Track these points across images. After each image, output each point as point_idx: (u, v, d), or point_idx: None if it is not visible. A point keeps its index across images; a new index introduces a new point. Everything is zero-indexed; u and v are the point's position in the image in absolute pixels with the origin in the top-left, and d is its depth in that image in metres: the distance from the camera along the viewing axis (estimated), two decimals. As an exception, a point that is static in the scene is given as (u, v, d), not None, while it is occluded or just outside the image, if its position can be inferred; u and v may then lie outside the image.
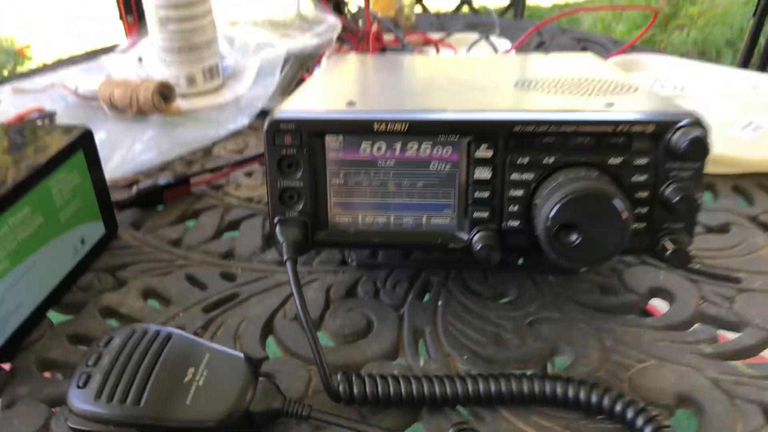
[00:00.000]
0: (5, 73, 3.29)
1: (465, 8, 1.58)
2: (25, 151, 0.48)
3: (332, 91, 0.49)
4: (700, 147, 0.37)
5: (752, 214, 0.58)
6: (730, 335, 0.42)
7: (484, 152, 0.39)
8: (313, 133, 0.39)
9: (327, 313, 0.45)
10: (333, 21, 0.85)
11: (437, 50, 0.85)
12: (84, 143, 0.50)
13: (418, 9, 1.45)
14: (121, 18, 0.98)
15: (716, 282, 0.47)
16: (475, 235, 0.40)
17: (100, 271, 0.51)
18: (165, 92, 0.79)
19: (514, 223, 0.40)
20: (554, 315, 0.44)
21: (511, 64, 0.59)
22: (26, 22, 4.05)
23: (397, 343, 0.42)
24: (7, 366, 0.43)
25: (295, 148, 0.39)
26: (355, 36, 0.85)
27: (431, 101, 0.44)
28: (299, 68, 0.83)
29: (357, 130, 0.39)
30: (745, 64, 1.77)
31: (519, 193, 0.39)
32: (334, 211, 0.41)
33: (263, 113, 0.78)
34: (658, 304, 0.48)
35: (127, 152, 0.69)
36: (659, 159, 0.39)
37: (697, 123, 0.38)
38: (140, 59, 0.92)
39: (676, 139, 0.38)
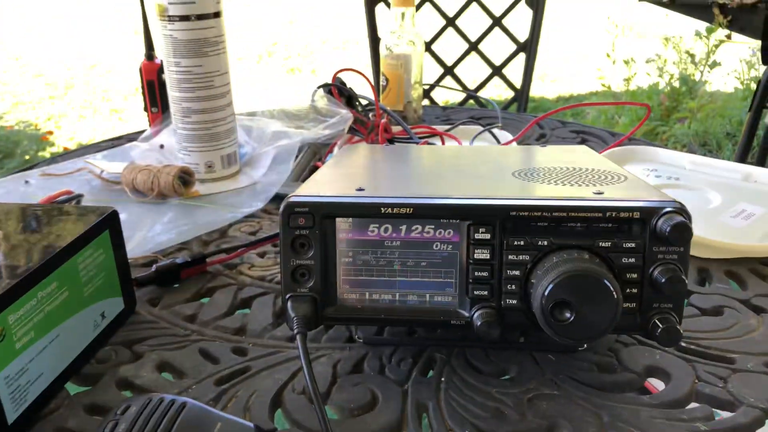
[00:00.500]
0: (27, 157, 3.41)
1: (471, 102, 1.65)
2: (55, 229, 0.51)
3: (343, 178, 0.52)
4: (683, 231, 0.40)
5: (745, 297, 0.59)
6: (725, 414, 0.42)
7: (482, 234, 0.42)
8: (324, 215, 0.41)
9: (334, 387, 0.45)
10: (345, 113, 0.90)
11: (442, 142, 0.89)
12: (110, 223, 0.54)
13: (425, 102, 1.52)
14: (145, 109, 1.01)
15: (710, 362, 0.48)
16: (475, 312, 0.42)
17: (117, 344, 0.51)
18: (185, 177, 0.82)
19: (512, 301, 0.42)
20: (554, 392, 0.44)
21: (510, 154, 0.63)
22: (51, 107, 4.23)
23: (401, 417, 0.42)
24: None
25: (307, 229, 0.42)
26: (366, 127, 0.89)
27: (435, 188, 0.48)
28: (312, 156, 0.87)
29: (365, 213, 0.41)
30: (742, 156, 1.81)
31: (516, 272, 0.42)
32: (342, 289, 0.43)
33: (277, 197, 0.80)
34: (655, 383, 0.50)
35: (147, 232, 0.71)
36: (647, 242, 0.42)
37: (680, 210, 0.41)
38: (162, 146, 0.96)
39: (661, 224, 0.41)
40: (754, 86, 3.22)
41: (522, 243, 0.41)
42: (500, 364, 0.48)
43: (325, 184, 0.47)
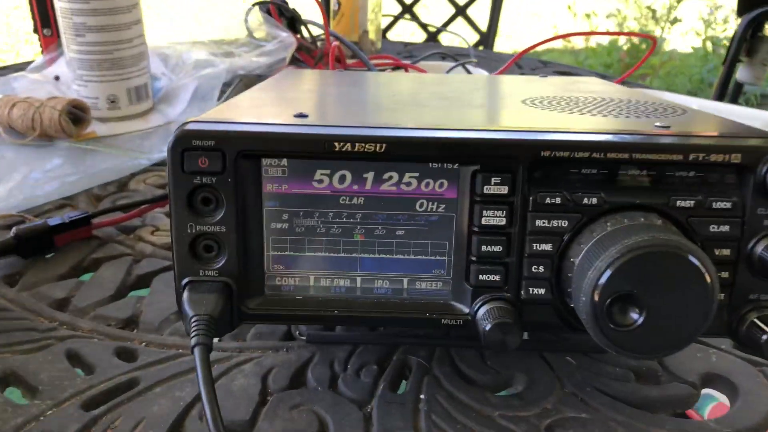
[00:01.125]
0: None
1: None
2: None
3: (276, 102, 0.39)
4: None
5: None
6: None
7: (496, 187, 0.30)
8: (242, 153, 0.30)
9: (262, 411, 0.36)
10: (286, 37, 0.76)
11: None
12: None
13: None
14: (36, 31, 0.86)
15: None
16: (480, 307, 0.32)
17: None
18: (76, 113, 0.68)
19: (539, 291, 0.32)
20: (580, 414, 0.36)
21: (509, 83, 0.51)
22: None
23: (361, 460, 0.33)
24: None
25: (214, 176, 0.30)
26: (312, 57, 0.76)
27: (417, 117, 0.36)
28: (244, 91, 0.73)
29: (309, 151, 0.30)
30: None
31: (546, 247, 0.31)
32: (273, 270, 0.33)
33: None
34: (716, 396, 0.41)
35: (20, 183, 0.59)
36: (747, 202, 0.30)
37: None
38: (57, 78, 0.81)
39: (774, 175, 0.29)
40: (710, 46, 3.23)
41: (558, 200, 0.30)
42: (501, 371, 0.39)
43: (247, 109, 0.36)
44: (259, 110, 0.36)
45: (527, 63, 0.99)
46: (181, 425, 0.35)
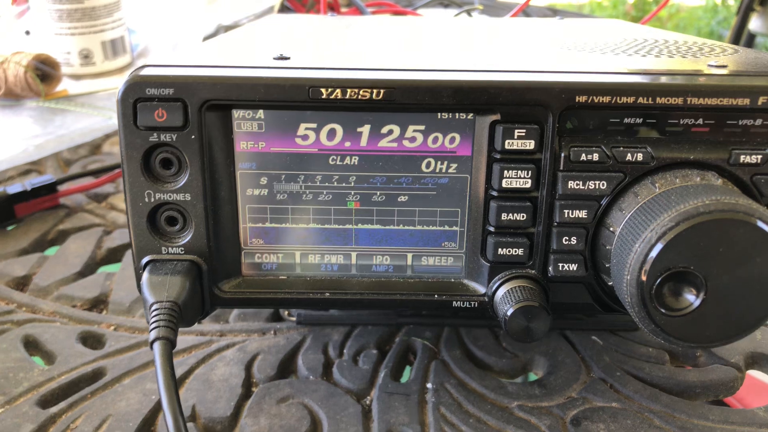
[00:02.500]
0: None
1: None
2: None
3: (252, 45, 0.35)
4: None
5: None
6: None
7: (520, 140, 0.26)
8: (208, 104, 0.26)
9: (246, 405, 0.33)
10: None
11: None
12: None
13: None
14: None
15: None
16: (499, 287, 0.28)
17: None
18: (45, 69, 0.65)
19: (570, 267, 0.28)
20: (610, 403, 0.33)
21: (523, 24, 0.46)
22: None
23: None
24: None
25: (174, 133, 0.26)
26: (303, 4, 0.72)
27: (422, 58, 0.31)
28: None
29: (291, 99, 0.26)
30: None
31: (580, 214, 0.27)
32: (251, 246, 0.30)
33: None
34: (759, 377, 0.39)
35: None
36: None
37: None
38: (28, 33, 0.77)
39: None
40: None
41: (595, 157, 0.26)
42: (519, 354, 0.37)
43: (216, 52, 0.32)
44: (230, 54, 0.31)
45: (535, 12, 0.94)
46: (152, 424, 0.32)
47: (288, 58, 0.28)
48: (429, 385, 0.35)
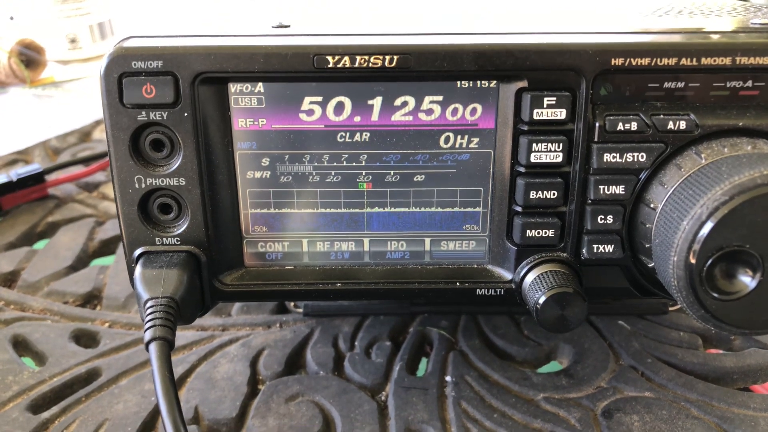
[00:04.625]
0: None
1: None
2: None
3: (249, 13, 0.33)
4: None
5: None
6: None
7: (550, 111, 0.25)
8: (202, 77, 0.25)
9: (252, 405, 0.33)
10: None
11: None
12: None
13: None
14: None
15: None
16: (527, 272, 0.27)
17: None
18: (29, 55, 0.64)
19: (605, 249, 0.27)
20: (643, 393, 0.32)
21: None
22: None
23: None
24: None
25: (165, 110, 0.25)
26: None
27: (439, 22, 0.30)
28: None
29: (293, 69, 0.25)
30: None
31: (617, 189, 0.26)
32: (253, 233, 0.29)
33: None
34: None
35: None
36: None
37: None
38: (12, 18, 0.76)
39: None
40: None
41: (633, 126, 0.25)
42: (542, 342, 0.36)
43: (209, 21, 0.31)
44: (224, 22, 0.30)
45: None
46: (152, 428, 0.31)
47: (288, 26, 0.26)
48: (448, 378, 0.34)
